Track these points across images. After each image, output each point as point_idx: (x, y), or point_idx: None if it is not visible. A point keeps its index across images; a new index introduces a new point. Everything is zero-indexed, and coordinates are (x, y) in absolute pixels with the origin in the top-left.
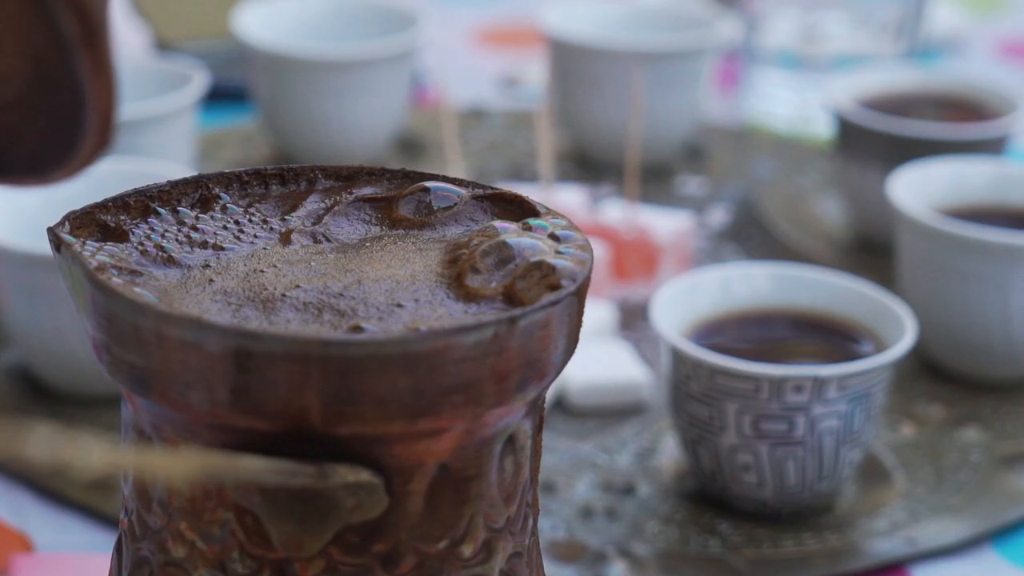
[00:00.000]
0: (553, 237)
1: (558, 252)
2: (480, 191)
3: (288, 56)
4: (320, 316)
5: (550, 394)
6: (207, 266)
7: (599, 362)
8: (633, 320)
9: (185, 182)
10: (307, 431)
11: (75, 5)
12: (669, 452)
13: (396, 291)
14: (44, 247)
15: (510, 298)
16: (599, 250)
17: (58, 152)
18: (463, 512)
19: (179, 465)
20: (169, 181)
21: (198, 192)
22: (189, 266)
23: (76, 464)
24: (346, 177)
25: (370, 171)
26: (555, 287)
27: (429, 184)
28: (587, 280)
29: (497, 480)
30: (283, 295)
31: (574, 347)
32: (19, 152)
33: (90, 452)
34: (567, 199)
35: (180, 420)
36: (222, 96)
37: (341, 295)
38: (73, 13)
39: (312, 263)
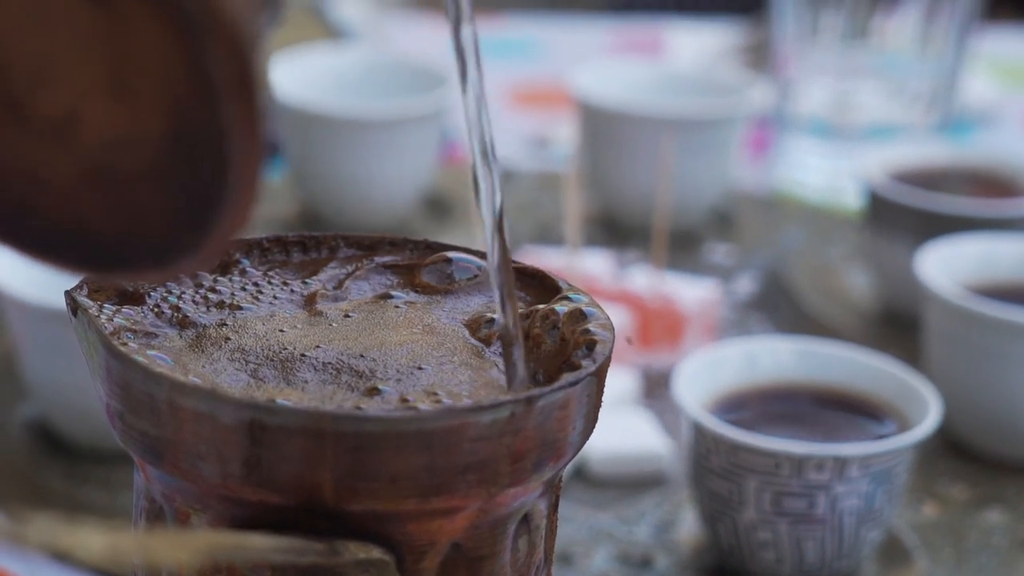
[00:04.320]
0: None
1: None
2: None
3: (318, 113)
4: (338, 377)
5: (570, 463)
6: (223, 324)
7: (620, 431)
8: (656, 389)
9: None
10: (319, 506)
11: (231, 45)
12: (688, 525)
13: (418, 354)
14: (63, 301)
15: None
16: (623, 317)
17: (190, 233)
18: None
19: (185, 547)
20: None
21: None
22: (205, 325)
23: (77, 554)
24: (368, 246)
25: (392, 240)
26: (590, 342)
27: (451, 255)
28: (607, 360)
29: (511, 560)
30: (302, 355)
31: (592, 427)
32: (143, 237)
33: (91, 542)
34: (593, 264)
35: (191, 491)
36: None
37: (362, 356)
38: (228, 54)
39: (334, 324)
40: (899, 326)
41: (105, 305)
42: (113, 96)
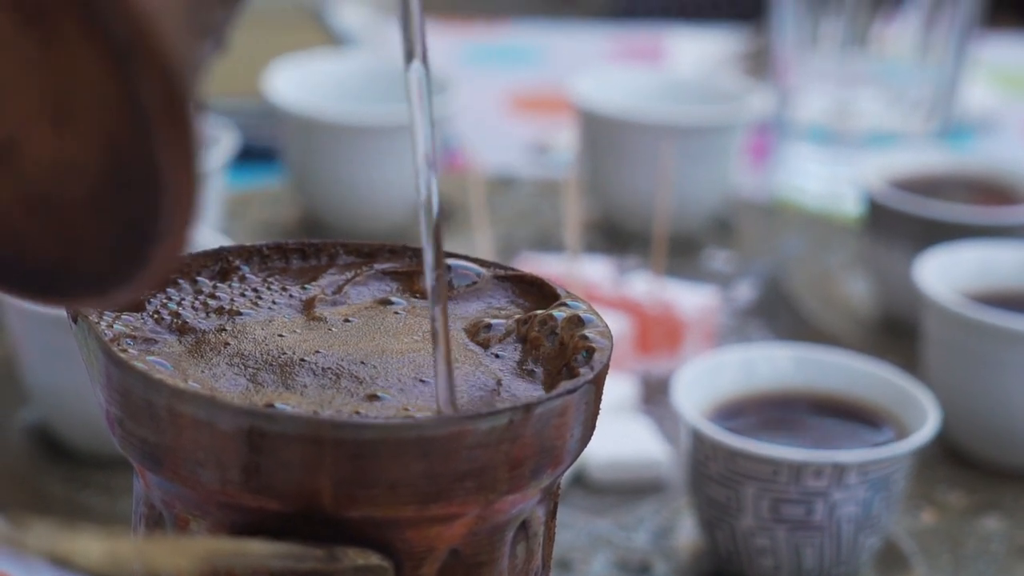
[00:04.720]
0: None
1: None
2: (501, 271)
3: (318, 119)
4: (337, 382)
5: (569, 469)
6: (223, 330)
7: (619, 438)
8: (655, 395)
9: (205, 254)
10: (318, 513)
11: (162, 74)
12: (687, 532)
13: (419, 362)
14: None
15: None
16: (623, 323)
17: (126, 263)
18: None
19: (185, 554)
20: (189, 253)
21: (218, 264)
22: (204, 331)
23: (76, 561)
24: (367, 254)
25: (391, 248)
26: (589, 348)
27: (450, 262)
28: (605, 367)
29: (509, 566)
30: (302, 360)
31: (591, 434)
32: (81, 266)
33: (90, 548)
34: (593, 270)
35: (191, 497)
36: (251, 155)
37: (363, 363)
38: (159, 83)
39: (333, 329)
40: (898, 333)
41: (105, 312)
42: (52, 123)
